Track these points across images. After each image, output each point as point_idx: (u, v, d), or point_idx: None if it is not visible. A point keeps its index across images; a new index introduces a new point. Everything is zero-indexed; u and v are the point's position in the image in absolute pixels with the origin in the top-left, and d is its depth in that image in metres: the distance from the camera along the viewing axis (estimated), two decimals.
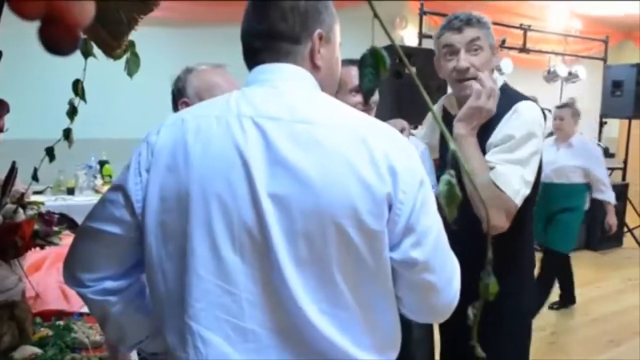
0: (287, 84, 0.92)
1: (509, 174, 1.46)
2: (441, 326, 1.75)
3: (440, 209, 0.88)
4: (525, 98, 1.61)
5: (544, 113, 1.60)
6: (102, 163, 4.29)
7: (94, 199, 3.91)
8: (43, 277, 1.76)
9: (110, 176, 4.24)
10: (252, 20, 0.95)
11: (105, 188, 4.08)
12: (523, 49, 6.01)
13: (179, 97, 1.57)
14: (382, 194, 0.84)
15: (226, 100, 0.92)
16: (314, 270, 0.85)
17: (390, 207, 0.85)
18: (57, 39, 0.23)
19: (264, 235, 0.84)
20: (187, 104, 1.54)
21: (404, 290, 0.92)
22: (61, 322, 1.34)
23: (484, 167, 1.48)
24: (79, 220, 3.73)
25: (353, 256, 0.85)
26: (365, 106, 1.63)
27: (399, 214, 0.85)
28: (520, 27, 6.00)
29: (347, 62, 1.81)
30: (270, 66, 0.93)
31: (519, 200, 1.47)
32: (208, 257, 0.85)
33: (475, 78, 1.57)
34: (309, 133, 0.85)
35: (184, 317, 0.87)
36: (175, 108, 1.60)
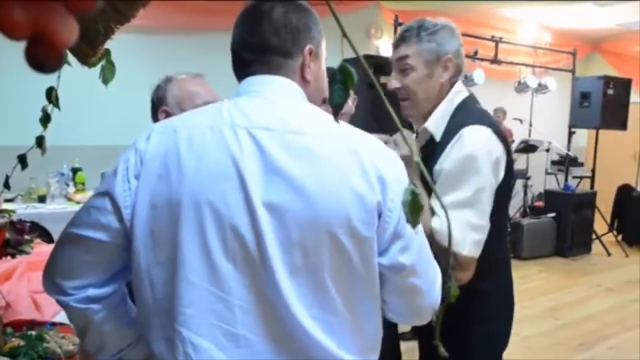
0: (277, 96, 0.94)
1: (450, 222, 1.36)
2: (420, 336, 1.67)
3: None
4: (480, 118, 1.43)
5: (498, 134, 1.42)
6: (74, 170, 4.22)
7: (66, 207, 3.85)
8: (14, 286, 1.73)
9: (83, 183, 4.17)
10: (243, 32, 0.97)
11: (78, 196, 4.01)
12: (495, 61, 6.15)
13: (159, 105, 1.58)
14: (373, 202, 0.87)
15: (218, 110, 0.93)
16: (307, 278, 0.87)
17: (379, 215, 0.88)
18: (43, 58, 0.25)
19: (259, 244, 0.85)
20: (167, 113, 1.55)
21: (391, 294, 0.95)
22: (33, 332, 1.32)
23: (429, 217, 1.34)
24: (51, 228, 3.67)
25: (345, 263, 0.88)
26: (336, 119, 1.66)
27: (388, 222, 0.89)
28: (492, 39, 6.14)
29: None
30: (261, 78, 0.95)
31: (468, 250, 1.32)
32: (200, 264, 0.86)
33: (408, 99, 1.47)
34: (302, 143, 0.87)
35: (173, 324, 0.87)
36: (155, 116, 1.61)
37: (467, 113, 1.46)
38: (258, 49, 0.95)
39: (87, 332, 1.00)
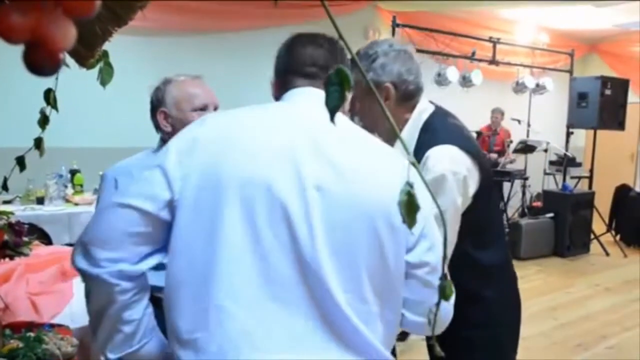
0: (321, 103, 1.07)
1: (446, 227, 1.37)
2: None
3: None
4: (445, 137, 1.39)
5: (466, 148, 1.39)
6: (73, 172, 4.21)
7: (64, 208, 3.84)
8: (12, 288, 1.73)
9: (81, 185, 4.16)
10: (312, 53, 1.10)
11: (77, 197, 4.00)
12: (492, 61, 6.16)
13: (158, 106, 1.61)
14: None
15: (272, 106, 1.07)
16: (345, 261, 0.92)
17: None
18: (41, 62, 0.25)
19: (307, 223, 0.91)
20: (165, 114, 1.58)
21: (413, 290, 1.01)
22: (31, 334, 1.32)
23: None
24: (49, 230, 3.66)
25: (378, 253, 0.95)
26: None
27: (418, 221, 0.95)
28: (490, 40, 6.16)
29: None
30: (317, 90, 1.07)
31: None
32: (245, 239, 0.90)
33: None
34: (350, 137, 1.00)
35: (210, 292, 0.90)
36: (154, 117, 1.62)
37: (433, 131, 1.43)
38: (322, 68, 1.10)
39: (103, 318, 0.98)
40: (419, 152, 1.37)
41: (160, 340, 1.05)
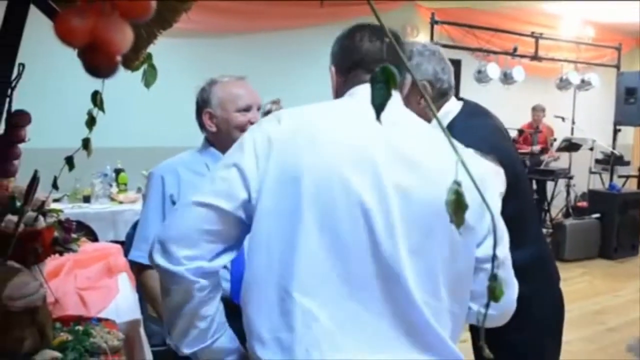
0: (398, 103, 1.07)
1: (496, 224, 1.40)
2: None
3: None
4: (464, 139, 1.35)
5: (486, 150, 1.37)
6: (117, 171, 4.34)
7: (109, 206, 3.96)
8: (62, 283, 1.80)
9: (125, 184, 4.29)
10: (380, 48, 1.08)
11: (121, 196, 4.12)
12: (535, 57, 6.00)
13: (203, 107, 1.64)
14: (478, 199, 0.93)
15: (346, 104, 1.06)
16: (422, 259, 0.93)
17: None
18: (98, 65, 0.26)
19: (386, 222, 0.91)
20: (210, 114, 1.62)
21: (482, 284, 1.01)
22: (80, 327, 1.37)
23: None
24: (95, 227, 3.78)
25: (451, 251, 0.95)
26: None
27: (484, 218, 0.98)
28: (532, 35, 6.00)
29: None
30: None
31: None
32: (323, 236, 0.91)
33: None
34: (422, 135, 1.00)
35: (292, 294, 0.91)
36: (199, 117, 1.66)
37: (453, 135, 1.39)
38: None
39: (181, 313, 1.00)
40: None
41: (230, 335, 1.08)
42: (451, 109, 1.52)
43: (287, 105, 1.53)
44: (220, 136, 1.64)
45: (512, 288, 1.08)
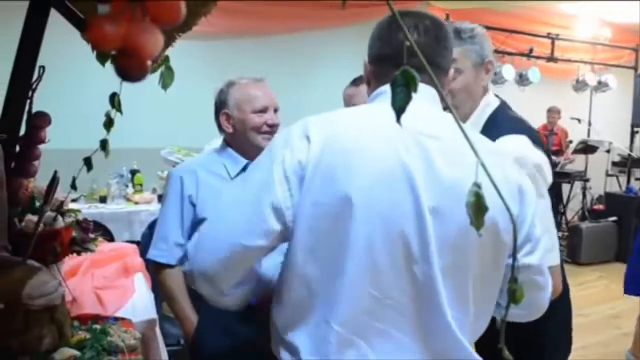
0: (434, 105, 1.01)
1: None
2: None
3: None
4: (513, 127, 1.37)
5: (536, 141, 1.35)
6: (133, 172, 4.38)
7: (125, 207, 3.99)
8: (79, 282, 1.83)
9: (140, 185, 4.32)
10: (415, 42, 1.02)
11: (137, 196, 4.16)
12: (551, 58, 5.95)
13: (221, 108, 1.66)
14: (514, 211, 0.94)
15: (374, 112, 0.98)
16: (454, 278, 0.92)
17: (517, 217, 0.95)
18: (130, 69, 0.27)
19: (423, 246, 0.89)
20: (227, 115, 1.63)
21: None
22: (97, 326, 1.39)
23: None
24: (111, 227, 3.81)
25: (483, 265, 0.94)
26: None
27: (520, 229, 0.96)
28: (548, 36, 5.94)
29: (351, 83, 1.86)
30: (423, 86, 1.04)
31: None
32: (362, 263, 0.89)
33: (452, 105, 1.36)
34: (457, 150, 0.91)
35: (330, 323, 0.90)
36: (217, 118, 1.68)
37: (499, 124, 1.39)
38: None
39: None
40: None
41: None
42: (490, 100, 1.48)
43: (302, 108, 1.53)
44: (237, 137, 1.66)
45: (547, 291, 1.07)
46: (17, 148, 1.32)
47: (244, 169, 1.65)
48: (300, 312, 0.95)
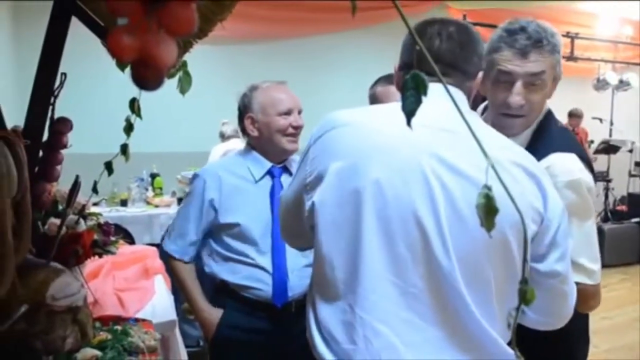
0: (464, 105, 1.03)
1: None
2: None
3: None
4: (566, 143, 1.31)
5: (585, 160, 1.29)
6: (153, 176, 4.42)
7: (145, 210, 4.03)
8: (100, 284, 1.86)
9: (160, 188, 4.37)
10: (438, 48, 1.03)
11: (156, 200, 4.20)
12: (571, 57, 5.87)
13: (245, 112, 1.69)
14: (539, 212, 0.95)
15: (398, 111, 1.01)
16: (472, 269, 0.93)
17: (541, 222, 0.96)
18: (147, 78, 0.28)
19: (440, 235, 0.92)
20: (252, 119, 1.66)
21: (543, 297, 0.99)
22: (118, 327, 1.41)
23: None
24: (132, 230, 3.87)
25: (506, 261, 0.94)
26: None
27: (546, 230, 0.97)
28: (567, 35, 5.86)
29: (384, 81, 1.85)
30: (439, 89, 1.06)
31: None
32: (381, 252, 0.93)
33: (522, 116, 1.29)
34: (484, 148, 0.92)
35: (354, 309, 0.94)
36: (241, 122, 1.70)
37: (549, 136, 1.33)
38: (445, 65, 1.03)
39: None
40: (532, 154, 1.21)
41: None
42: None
43: (316, 112, 1.54)
44: (262, 140, 1.69)
45: (572, 300, 1.07)
46: (41, 153, 1.35)
47: (268, 172, 1.68)
48: (329, 297, 0.98)
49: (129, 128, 1.47)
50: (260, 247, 1.63)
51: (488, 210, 0.39)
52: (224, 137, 4.43)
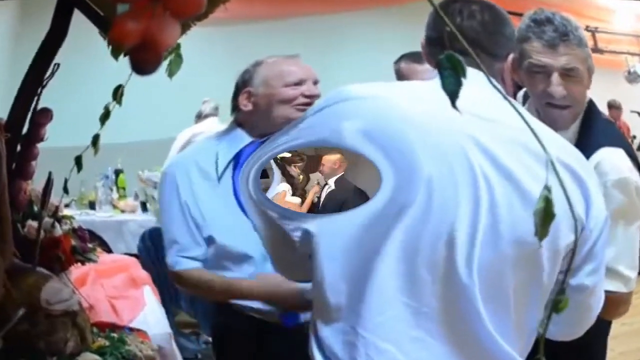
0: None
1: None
2: None
3: None
4: (614, 137, 1.33)
5: (633, 157, 1.31)
6: (117, 173, 4.22)
7: (113, 215, 3.83)
8: (91, 291, 1.85)
9: (124, 188, 4.16)
10: (460, 25, 1.00)
11: (122, 203, 3.95)
12: (596, 49, 5.91)
13: (243, 87, 1.58)
14: (580, 220, 0.92)
15: (428, 90, 0.95)
16: (492, 283, 0.91)
17: (580, 231, 0.93)
18: (146, 63, 0.29)
19: (467, 250, 0.89)
20: (249, 93, 1.55)
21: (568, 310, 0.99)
22: (115, 334, 1.42)
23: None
24: (104, 237, 3.78)
25: (532, 274, 0.93)
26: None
27: (584, 242, 0.94)
28: (587, 29, 5.90)
29: (409, 59, 1.85)
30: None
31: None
32: (400, 277, 0.91)
33: (569, 107, 1.31)
34: (520, 142, 0.90)
35: (356, 329, 0.92)
36: (235, 99, 1.60)
37: (598, 129, 1.35)
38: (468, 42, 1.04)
39: None
40: (582, 150, 1.21)
41: None
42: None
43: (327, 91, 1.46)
44: (254, 115, 1.58)
45: (594, 313, 1.06)
46: (19, 147, 1.26)
47: (236, 155, 1.56)
48: (328, 313, 0.97)
49: (105, 116, 1.35)
50: (252, 255, 1.50)
51: (546, 216, 0.39)
52: (200, 116, 4.13)
